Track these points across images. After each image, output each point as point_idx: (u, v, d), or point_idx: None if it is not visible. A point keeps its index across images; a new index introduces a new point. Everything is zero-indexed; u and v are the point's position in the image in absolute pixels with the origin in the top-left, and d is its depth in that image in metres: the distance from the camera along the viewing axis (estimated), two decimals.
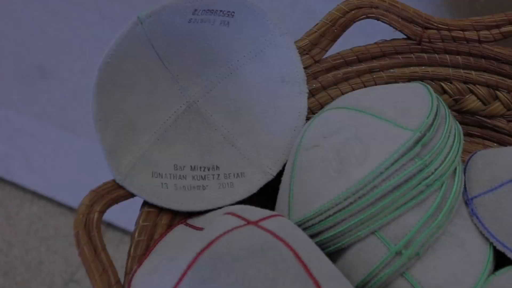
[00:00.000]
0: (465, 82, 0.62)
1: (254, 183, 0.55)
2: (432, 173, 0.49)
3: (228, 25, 0.55)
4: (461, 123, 0.63)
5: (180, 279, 0.45)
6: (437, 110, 0.52)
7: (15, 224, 1.36)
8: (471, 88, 0.62)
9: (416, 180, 0.48)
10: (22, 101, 1.18)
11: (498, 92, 0.62)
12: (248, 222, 0.48)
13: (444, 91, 0.62)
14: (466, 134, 0.64)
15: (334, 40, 0.61)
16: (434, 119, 0.51)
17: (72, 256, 1.30)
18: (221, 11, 0.54)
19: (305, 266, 0.44)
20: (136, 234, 0.52)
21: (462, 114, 0.63)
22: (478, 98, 0.62)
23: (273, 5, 0.81)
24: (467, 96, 0.62)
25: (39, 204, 1.39)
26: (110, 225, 1.29)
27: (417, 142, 0.49)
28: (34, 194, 1.39)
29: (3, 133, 1.28)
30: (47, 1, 0.96)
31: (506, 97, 0.61)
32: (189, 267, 0.45)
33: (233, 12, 0.54)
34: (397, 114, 0.51)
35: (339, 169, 0.49)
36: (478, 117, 0.63)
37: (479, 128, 0.63)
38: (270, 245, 0.45)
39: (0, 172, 1.35)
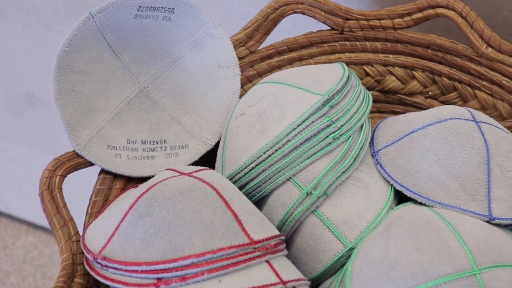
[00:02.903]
0: (384, 65, 0.74)
1: (196, 153, 0.68)
2: (339, 129, 0.61)
3: (170, 20, 0.68)
4: (384, 102, 0.75)
5: (123, 219, 0.56)
6: (347, 80, 0.64)
7: (11, 253, 1.47)
8: (390, 69, 0.74)
9: (324, 134, 0.60)
10: (13, 131, 1.32)
11: (414, 72, 0.74)
12: (182, 173, 0.60)
13: (367, 74, 0.75)
14: (390, 112, 0.76)
15: (267, 33, 0.73)
16: (343, 87, 0.63)
17: None
18: (162, 7, 0.67)
19: (225, 202, 0.56)
20: (93, 195, 0.64)
21: (385, 94, 0.75)
22: (397, 78, 0.74)
23: None
24: (387, 77, 0.75)
25: (35, 234, 1.51)
26: None
27: (325, 103, 0.61)
28: (30, 224, 1.52)
29: None
30: (30, 30, 1.11)
31: (422, 76, 0.74)
32: (130, 208, 0.57)
33: (173, 8, 0.67)
34: (311, 83, 0.63)
35: (260, 129, 0.62)
36: (399, 95, 0.75)
37: (401, 106, 0.75)
38: (197, 186, 0.57)
39: None
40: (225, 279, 0.52)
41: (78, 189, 0.83)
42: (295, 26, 0.81)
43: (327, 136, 0.60)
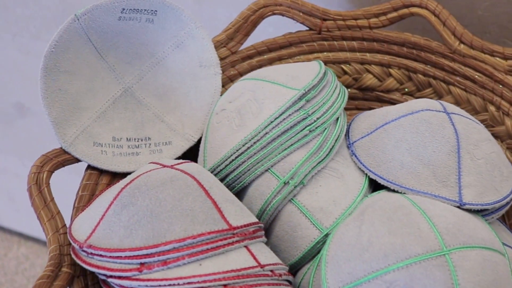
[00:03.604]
0: (361, 63, 0.78)
1: (179, 149, 0.71)
2: (315, 121, 0.64)
3: (153, 22, 0.71)
4: (362, 99, 0.79)
5: (107, 209, 0.60)
6: (323, 76, 0.67)
7: (3, 264, 1.50)
8: (367, 67, 0.78)
9: (300, 126, 0.64)
10: (3, 141, 1.35)
11: (390, 70, 0.78)
12: (164, 166, 0.63)
13: (345, 72, 0.78)
14: (368, 109, 0.79)
15: (247, 34, 0.77)
16: (319, 82, 0.66)
17: None
18: (145, 10, 0.70)
19: (206, 191, 0.60)
20: (80, 190, 0.67)
21: (363, 91, 0.79)
22: (374, 76, 0.78)
23: None
24: (364, 75, 0.78)
25: (26, 245, 1.54)
26: None
27: (301, 97, 0.64)
28: (21, 235, 1.55)
29: None
30: (19, 40, 1.14)
31: (398, 73, 0.77)
32: (114, 199, 0.60)
33: (156, 10, 0.71)
34: (288, 79, 0.67)
35: (240, 124, 0.65)
36: (376, 92, 0.79)
37: (379, 102, 0.79)
38: (178, 177, 0.60)
39: None
40: (205, 263, 0.55)
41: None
42: (277, 30, 0.84)
43: (304, 129, 0.64)
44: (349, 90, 0.79)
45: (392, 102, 0.78)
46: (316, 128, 0.64)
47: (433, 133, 0.63)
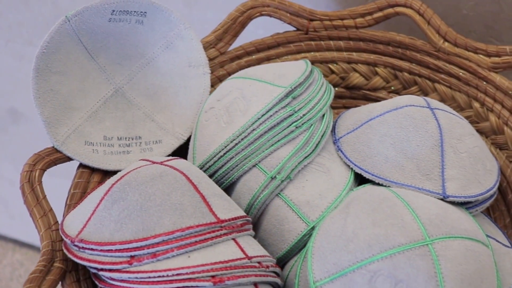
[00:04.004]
0: (348, 62, 0.80)
1: (169, 147, 0.73)
2: (301, 118, 0.66)
3: (143, 24, 0.73)
4: (349, 98, 0.81)
5: (98, 204, 0.61)
6: (309, 74, 0.69)
7: None
8: (354, 66, 0.80)
9: (287, 123, 0.66)
10: None
11: (377, 68, 0.80)
12: (154, 163, 0.65)
13: (332, 72, 0.80)
14: (355, 107, 0.81)
15: (235, 35, 0.79)
16: (305, 80, 0.69)
17: None
18: (135, 11, 0.72)
19: (194, 186, 0.61)
20: (72, 188, 0.69)
21: (350, 90, 0.81)
22: (361, 74, 0.80)
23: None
24: (351, 74, 0.80)
25: (21, 252, 1.55)
26: None
27: (287, 95, 0.66)
28: (16, 242, 1.56)
29: None
30: (12, 46, 1.17)
31: (384, 72, 0.79)
32: (105, 194, 0.62)
33: (145, 12, 0.73)
34: (275, 78, 0.69)
35: (228, 121, 0.67)
36: (363, 91, 0.81)
37: (366, 101, 0.81)
38: (167, 172, 0.62)
39: None
40: (193, 255, 0.57)
41: (58, 185, 0.88)
42: (267, 32, 0.86)
43: (290, 125, 0.66)
44: (336, 89, 0.81)
45: (379, 100, 0.80)
46: (303, 124, 0.66)
47: (417, 128, 0.65)
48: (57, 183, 0.90)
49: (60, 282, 0.62)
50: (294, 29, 0.80)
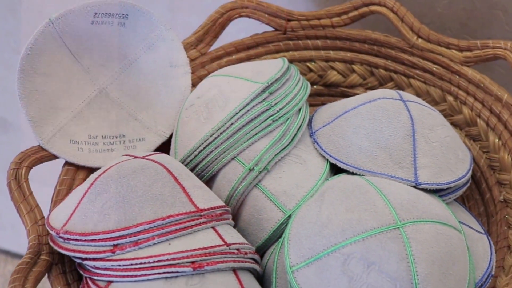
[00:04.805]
0: (326, 61, 0.84)
1: (152, 144, 0.77)
2: (277, 112, 0.70)
3: (125, 26, 0.77)
4: (328, 95, 0.85)
5: (82, 197, 0.65)
6: (286, 70, 0.73)
7: None
8: (331, 65, 0.84)
9: (264, 117, 0.69)
10: None
11: (353, 66, 0.83)
12: (136, 157, 0.68)
13: (310, 70, 0.84)
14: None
15: (216, 36, 0.83)
16: (282, 76, 0.72)
17: None
18: (117, 14, 0.76)
19: (175, 177, 0.65)
20: (58, 185, 0.72)
21: (328, 87, 0.84)
22: (338, 72, 0.84)
23: None
24: (329, 72, 0.84)
25: (13, 263, 1.57)
26: None
27: (264, 90, 0.70)
28: (8, 253, 1.59)
29: None
30: (1, 55, 1.20)
31: (361, 69, 0.83)
32: (89, 188, 0.65)
33: (127, 14, 0.76)
34: (253, 75, 0.72)
35: (207, 117, 0.71)
36: (341, 88, 0.84)
37: (343, 98, 0.84)
38: (148, 165, 0.65)
39: None
40: (174, 242, 0.60)
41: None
42: (248, 35, 0.90)
43: (267, 119, 0.69)
44: (314, 87, 0.84)
45: None
46: (279, 118, 0.70)
47: (389, 119, 0.69)
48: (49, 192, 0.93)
49: (46, 274, 0.65)
50: (273, 29, 0.84)
